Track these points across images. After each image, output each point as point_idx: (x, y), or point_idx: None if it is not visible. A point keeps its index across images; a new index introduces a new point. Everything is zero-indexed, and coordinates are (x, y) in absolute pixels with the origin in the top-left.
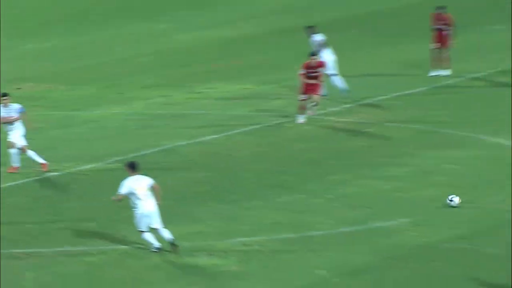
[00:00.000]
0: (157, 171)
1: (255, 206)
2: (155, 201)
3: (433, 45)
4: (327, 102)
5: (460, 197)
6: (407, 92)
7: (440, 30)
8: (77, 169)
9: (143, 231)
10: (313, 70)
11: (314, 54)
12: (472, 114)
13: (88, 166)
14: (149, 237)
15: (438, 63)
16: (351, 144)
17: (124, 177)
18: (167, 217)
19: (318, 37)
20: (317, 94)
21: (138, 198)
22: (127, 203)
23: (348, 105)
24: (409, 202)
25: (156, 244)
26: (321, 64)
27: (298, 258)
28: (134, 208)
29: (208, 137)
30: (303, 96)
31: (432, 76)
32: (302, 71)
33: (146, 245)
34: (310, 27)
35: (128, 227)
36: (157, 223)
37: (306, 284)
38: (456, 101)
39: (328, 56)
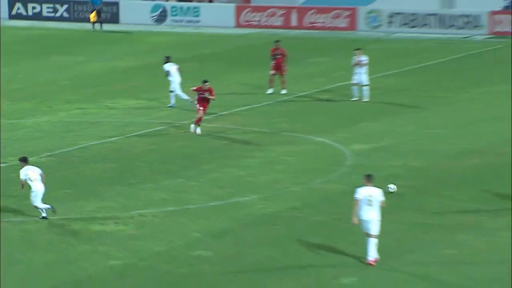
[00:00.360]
0: (76, 163)
1: (148, 187)
2: (43, 184)
3: (271, 72)
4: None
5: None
6: (256, 105)
7: (277, 59)
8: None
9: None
10: (203, 93)
11: (205, 81)
12: (303, 121)
13: None
14: (43, 205)
15: (273, 84)
16: (217, 143)
17: (56, 168)
18: (84, 196)
19: (172, 65)
20: (204, 112)
21: (31, 181)
22: (56, 188)
23: (214, 115)
24: (258, 183)
25: (44, 214)
26: (210, 89)
27: (180, 224)
28: (31, 189)
29: (113, 138)
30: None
31: (269, 93)
32: (194, 89)
33: (68, 216)
34: (167, 56)
35: (56, 204)
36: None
37: (185, 243)
38: (291, 112)
39: (177, 79)
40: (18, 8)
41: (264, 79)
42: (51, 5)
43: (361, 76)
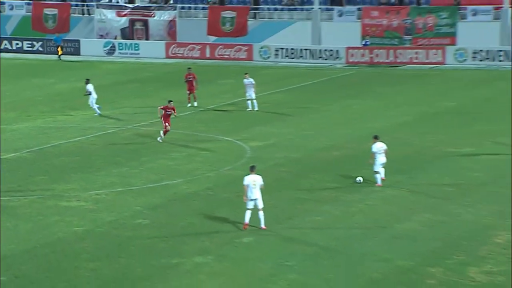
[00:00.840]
0: (49, 157)
1: (102, 174)
2: None
3: (187, 91)
4: (137, 118)
5: (359, 178)
6: (181, 114)
7: (189, 81)
8: (7, 156)
9: None
10: (168, 110)
11: (170, 101)
12: (215, 125)
13: (12, 155)
14: None
15: (190, 100)
16: (153, 141)
17: (34, 160)
18: (55, 181)
19: (90, 86)
20: (169, 125)
21: None
22: (34, 174)
23: (150, 122)
24: (183, 171)
25: None
26: (173, 108)
27: (125, 201)
28: None
29: (77, 138)
30: (163, 125)
31: (188, 106)
32: (162, 108)
33: (43, 196)
34: (87, 79)
35: (36, 187)
36: None
37: (130, 214)
38: (206, 119)
39: (94, 95)
40: (5, 44)
41: (184, 96)
42: (30, 42)
43: (251, 93)
